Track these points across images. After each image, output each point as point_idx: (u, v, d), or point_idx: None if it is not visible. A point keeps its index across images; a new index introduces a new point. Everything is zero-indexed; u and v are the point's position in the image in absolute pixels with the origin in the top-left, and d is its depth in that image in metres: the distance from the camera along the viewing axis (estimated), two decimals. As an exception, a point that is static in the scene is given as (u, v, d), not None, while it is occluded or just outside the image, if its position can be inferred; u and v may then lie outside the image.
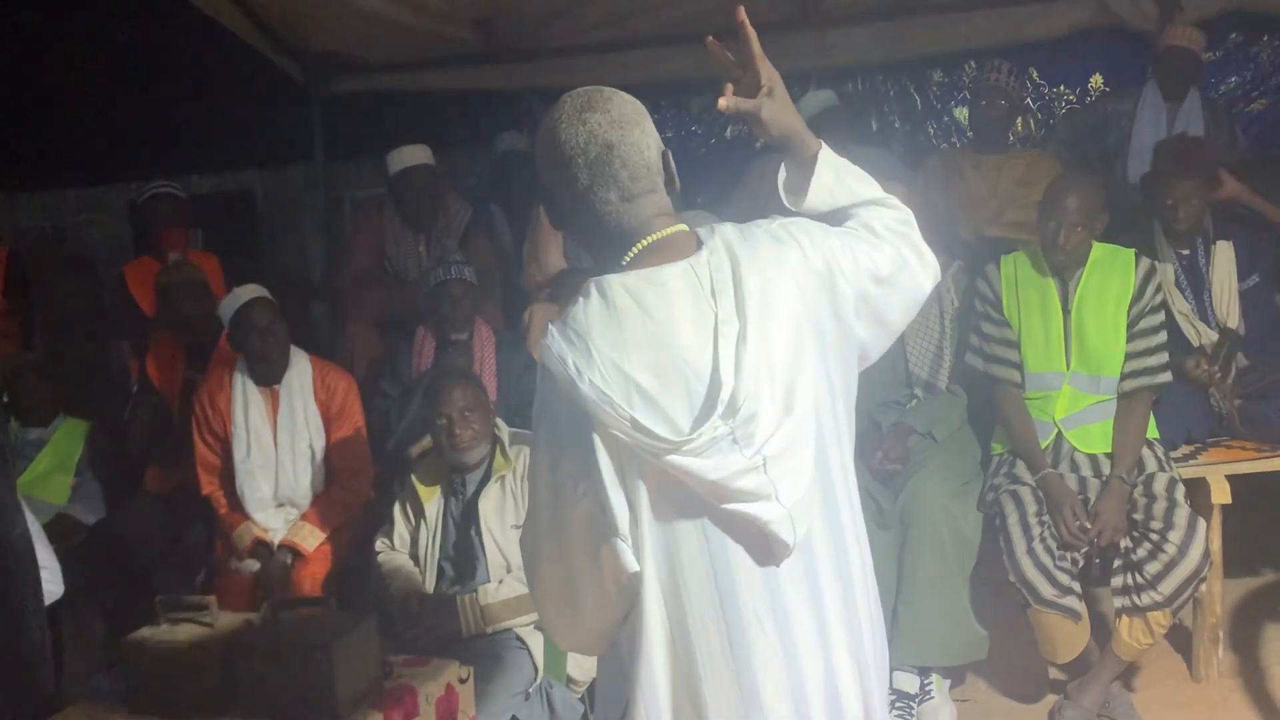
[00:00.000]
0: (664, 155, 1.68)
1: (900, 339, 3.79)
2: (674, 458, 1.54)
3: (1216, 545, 3.63)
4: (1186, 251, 3.95)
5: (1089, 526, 3.39)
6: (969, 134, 5.57)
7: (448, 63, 5.95)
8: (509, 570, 3.34)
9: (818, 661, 1.62)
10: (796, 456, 1.58)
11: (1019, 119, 5.59)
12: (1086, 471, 3.53)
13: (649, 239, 1.64)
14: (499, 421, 3.47)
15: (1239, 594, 4.16)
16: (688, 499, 1.59)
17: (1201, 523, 3.39)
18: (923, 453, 3.74)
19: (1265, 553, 4.29)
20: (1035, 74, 5.87)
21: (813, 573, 1.63)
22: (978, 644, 3.56)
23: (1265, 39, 5.75)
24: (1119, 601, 3.38)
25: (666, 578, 1.61)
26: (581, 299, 1.61)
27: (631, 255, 1.64)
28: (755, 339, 1.56)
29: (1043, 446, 3.56)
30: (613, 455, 1.59)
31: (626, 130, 1.63)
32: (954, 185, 4.73)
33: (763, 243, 1.65)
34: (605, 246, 1.68)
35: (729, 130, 6.26)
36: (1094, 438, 3.54)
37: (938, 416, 3.80)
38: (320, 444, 3.98)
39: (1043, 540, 3.38)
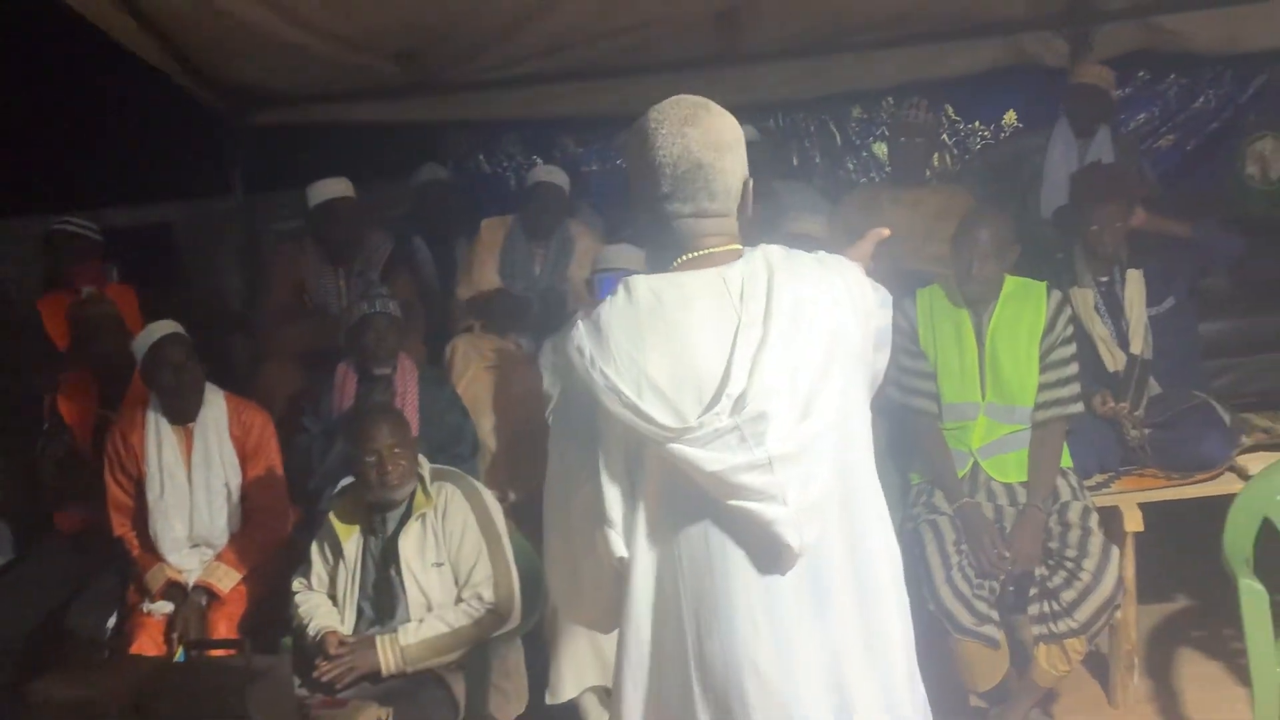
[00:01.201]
0: (746, 183, 1.75)
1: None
2: (676, 446, 1.61)
3: (1130, 572, 3.70)
4: (1105, 278, 4.03)
5: (1007, 555, 3.44)
6: (887, 169, 5.67)
7: (371, 95, 5.92)
8: (430, 609, 3.30)
9: (819, 680, 1.65)
10: (809, 463, 1.63)
11: (936, 155, 5.71)
12: (1003, 500, 3.58)
13: (699, 252, 1.72)
14: (420, 458, 3.44)
15: (1154, 620, 4.24)
16: (696, 496, 1.65)
17: (1115, 550, 3.45)
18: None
19: (1178, 579, 4.36)
20: (951, 111, 6.00)
21: (822, 588, 1.67)
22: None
23: (1172, 77, 5.93)
24: (1036, 629, 3.42)
25: (665, 570, 1.68)
26: (610, 297, 1.70)
27: (679, 261, 1.72)
28: (777, 345, 1.63)
29: (960, 476, 3.60)
30: (618, 447, 1.68)
31: (720, 154, 1.71)
32: (873, 219, 4.75)
33: (807, 264, 1.73)
34: (660, 246, 1.76)
35: (654, 163, 6.29)
36: (1010, 467, 3.59)
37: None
38: (236, 482, 3.91)
39: (961, 569, 3.42)
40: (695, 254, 1.72)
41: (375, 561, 3.39)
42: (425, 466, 3.44)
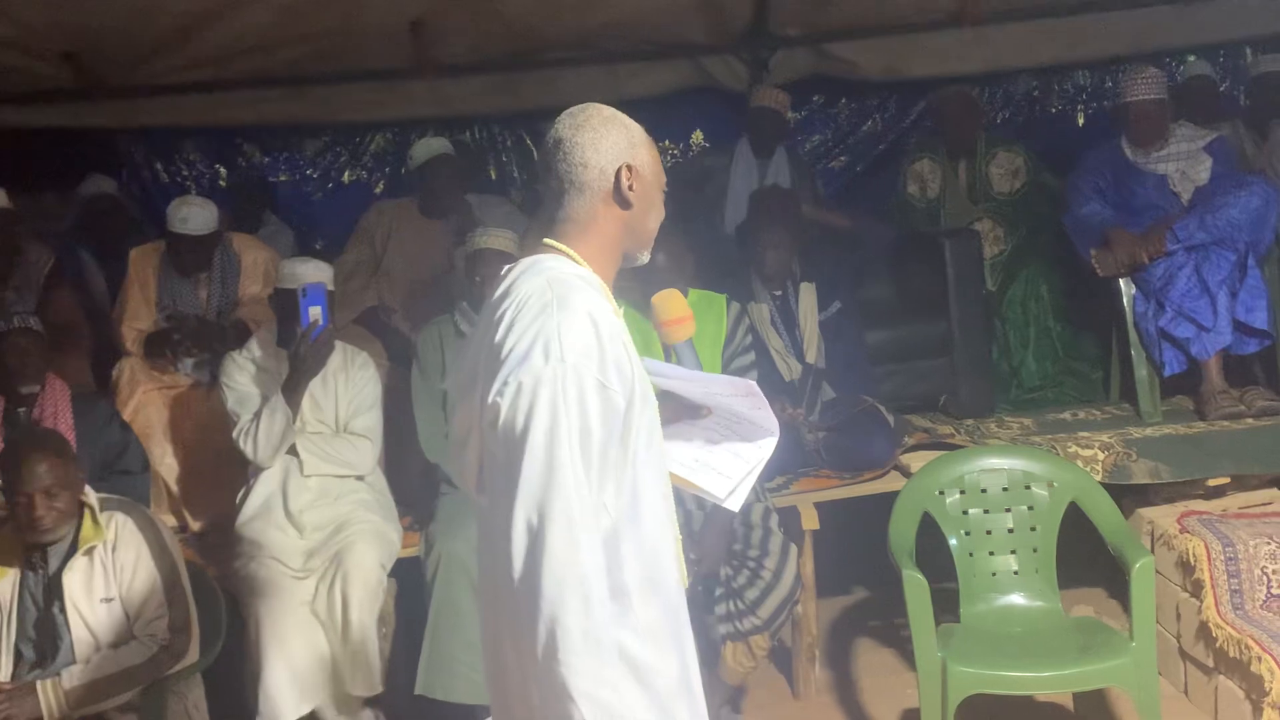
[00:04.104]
0: (619, 170, 1.90)
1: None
2: None
3: (809, 569, 3.91)
4: (779, 292, 4.25)
5: (692, 556, 3.54)
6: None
7: (35, 98, 5.51)
8: (98, 648, 3.09)
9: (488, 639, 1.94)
10: (465, 461, 1.94)
11: (629, 171, 5.83)
12: (691, 504, 3.69)
13: (546, 241, 1.93)
14: (86, 488, 3.19)
15: (833, 613, 4.48)
16: None
17: (794, 548, 3.61)
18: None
19: (853, 573, 4.63)
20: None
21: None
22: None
23: (843, 101, 6.32)
24: (723, 628, 3.53)
25: None
26: None
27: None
28: (471, 367, 1.92)
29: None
30: None
31: (579, 132, 1.91)
32: (565, 233, 4.85)
33: (514, 309, 1.83)
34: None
35: (346, 175, 6.16)
36: (694, 473, 3.70)
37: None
38: None
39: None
40: (543, 241, 1.93)
41: (36, 600, 3.14)
42: (93, 496, 3.20)
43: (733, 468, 2.17)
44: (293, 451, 3.73)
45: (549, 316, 1.76)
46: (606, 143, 1.90)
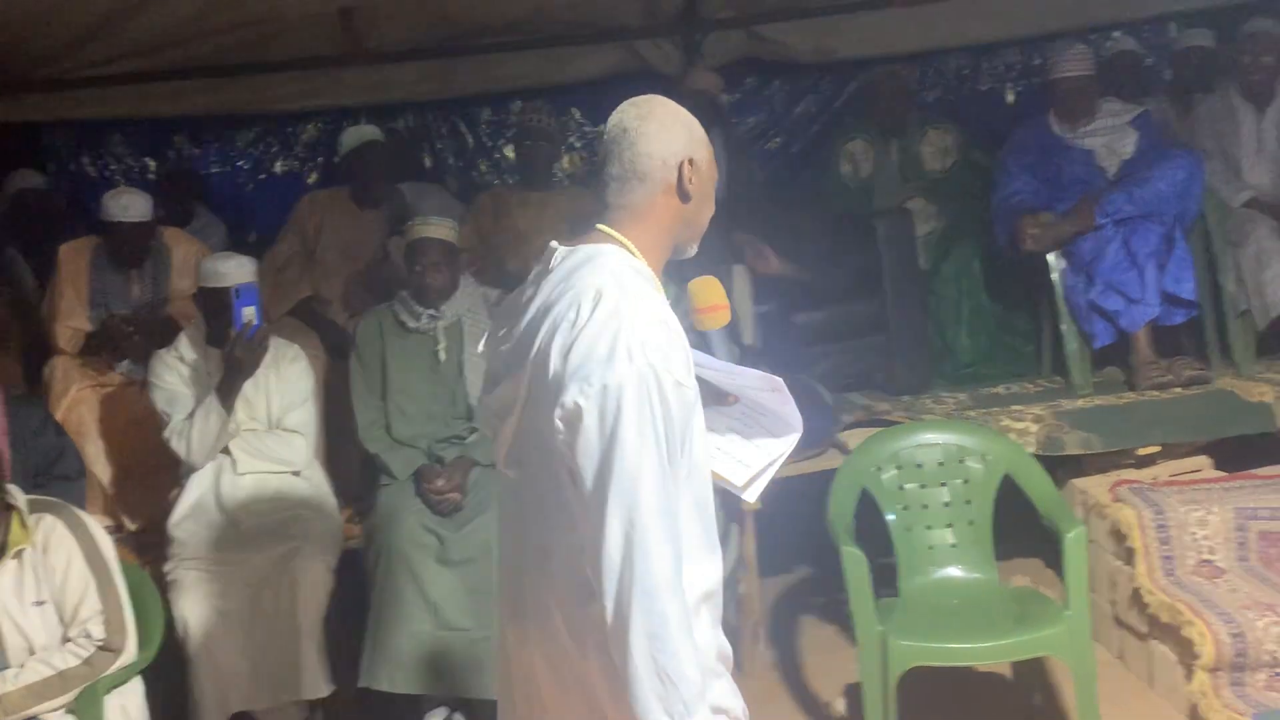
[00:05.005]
0: (681, 163, 1.93)
1: (459, 371, 3.84)
2: None
3: (750, 548, 3.93)
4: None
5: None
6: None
7: (-49, 91, 5.40)
8: (31, 652, 3.03)
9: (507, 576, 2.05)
10: (499, 429, 2.00)
11: (566, 157, 5.84)
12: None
13: (600, 227, 1.95)
14: (12, 489, 3.13)
15: (776, 591, 4.51)
16: None
17: (734, 528, 3.65)
18: (488, 487, 3.75)
19: (795, 551, 4.64)
20: (578, 114, 6.14)
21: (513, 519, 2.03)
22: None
23: (776, 83, 6.33)
24: (666, 612, 3.55)
25: None
26: None
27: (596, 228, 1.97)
28: (522, 346, 1.91)
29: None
30: None
31: (645, 123, 1.94)
32: (502, 221, 4.84)
33: (572, 293, 1.85)
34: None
35: (278, 165, 6.08)
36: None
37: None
38: None
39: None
40: (600, 228, 1.95)
41: (-35, 606, 3.08)
42: (20, 497, 3.14)
43: (754, 458, 2.20)
44: (225, 450, 3.70)
45: (624, 317, 1.80)
46: (670, 134, 1.94)
